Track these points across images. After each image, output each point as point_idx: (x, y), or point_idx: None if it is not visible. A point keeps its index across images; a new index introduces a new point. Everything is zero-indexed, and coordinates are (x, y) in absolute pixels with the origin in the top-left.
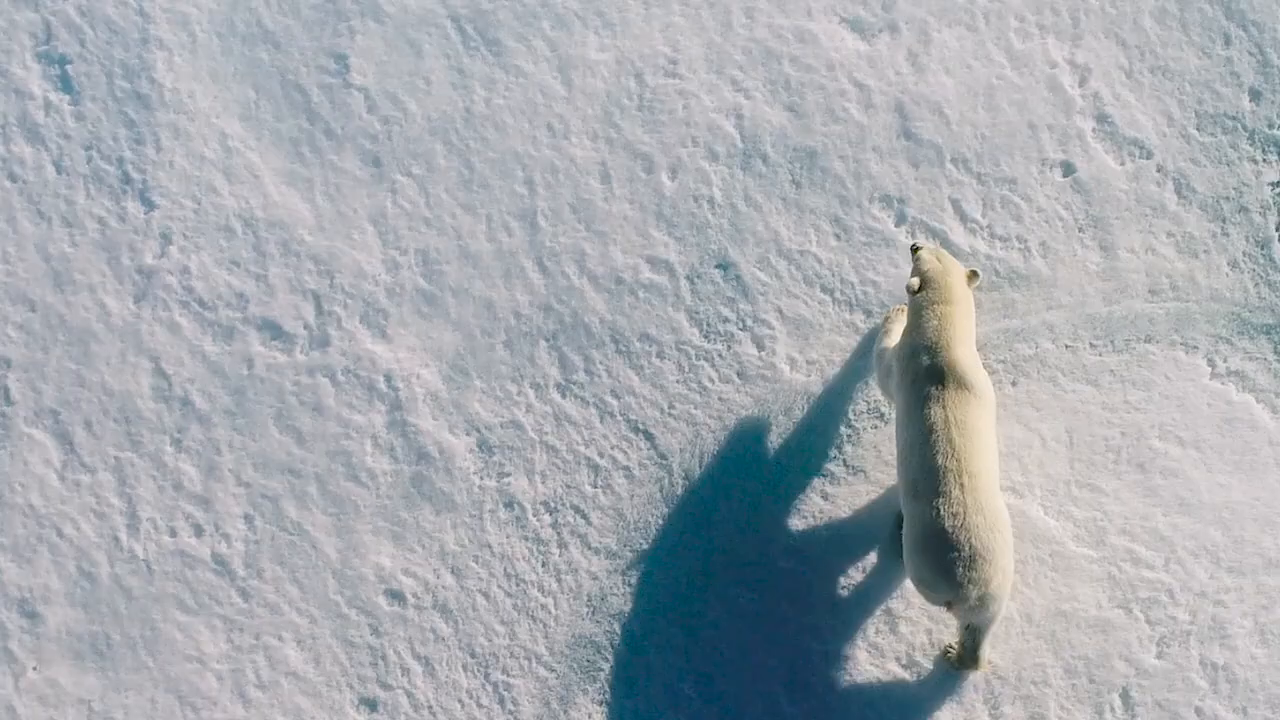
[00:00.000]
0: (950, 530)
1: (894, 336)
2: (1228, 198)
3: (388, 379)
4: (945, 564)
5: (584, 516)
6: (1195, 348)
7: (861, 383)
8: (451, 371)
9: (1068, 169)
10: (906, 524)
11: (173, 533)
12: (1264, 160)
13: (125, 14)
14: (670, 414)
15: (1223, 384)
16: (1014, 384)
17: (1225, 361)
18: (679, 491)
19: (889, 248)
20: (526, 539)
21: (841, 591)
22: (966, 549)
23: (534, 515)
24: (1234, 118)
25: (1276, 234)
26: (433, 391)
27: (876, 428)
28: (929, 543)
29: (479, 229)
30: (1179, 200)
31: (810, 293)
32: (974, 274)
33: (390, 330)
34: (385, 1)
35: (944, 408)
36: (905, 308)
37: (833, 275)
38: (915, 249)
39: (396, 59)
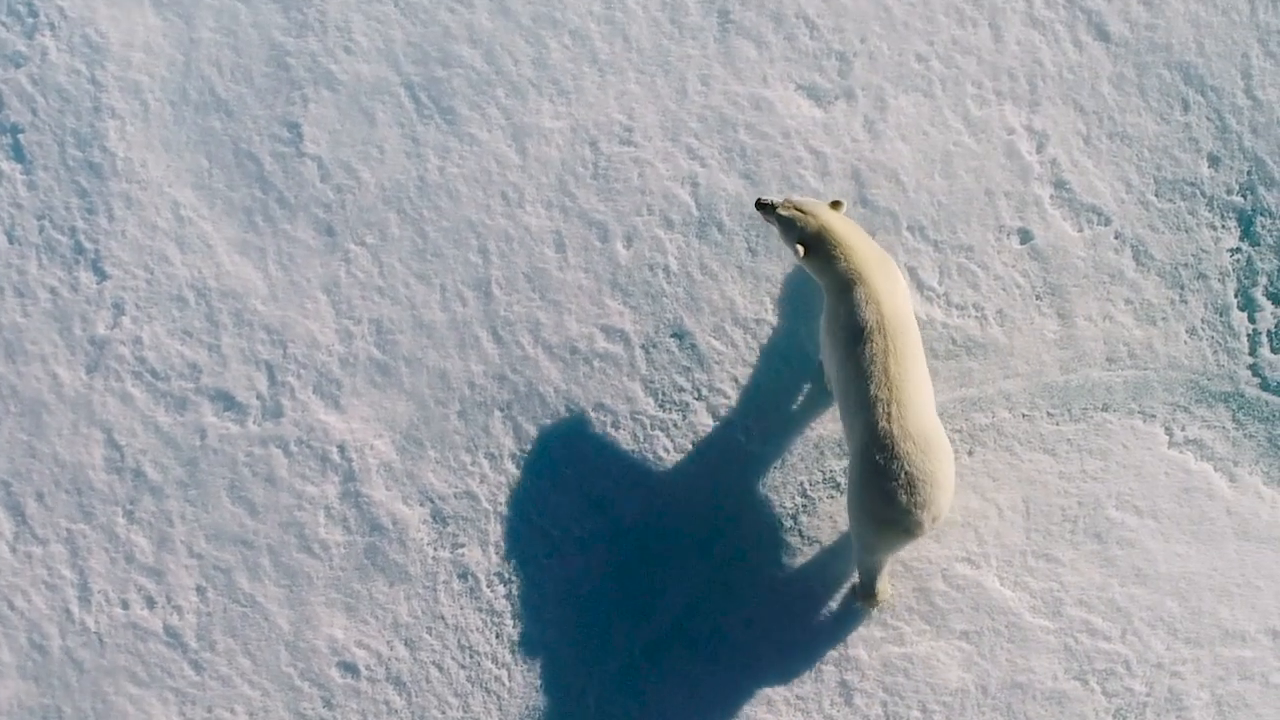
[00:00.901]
0: (884, 462)
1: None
2: (1186, 264)
3: (341, 450)
4: (887, 495)
5: (538, 588)
6: (1153, 416)
7: (817, 453)
8: (405, 442)
9: (1025, 236)
10: (850, 468)
11: (125, 605)
12: (1223, 226)
13: (78, 82)
14: (625, 484)
15: (1180, 453)
16: (970, 453)
17: (1183, 430)
18: (633, 562)
19: None
20: (480, 610)
21: (796, 663)
22: (903, 477)
23: (488, 586)
24: (1193, 184)
25: (1235, 301)
26: (386, 462)
27: (833, 498)
28: (872, 479)
29: (433, 298)
30: (1137, 267)
31: (766, 362)
32: (837, 203)
33: (344, 400)
34: (338, 69)
35: (883, 336)
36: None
37: (789, 344)
38: (765, 206)
39: (350, 127)
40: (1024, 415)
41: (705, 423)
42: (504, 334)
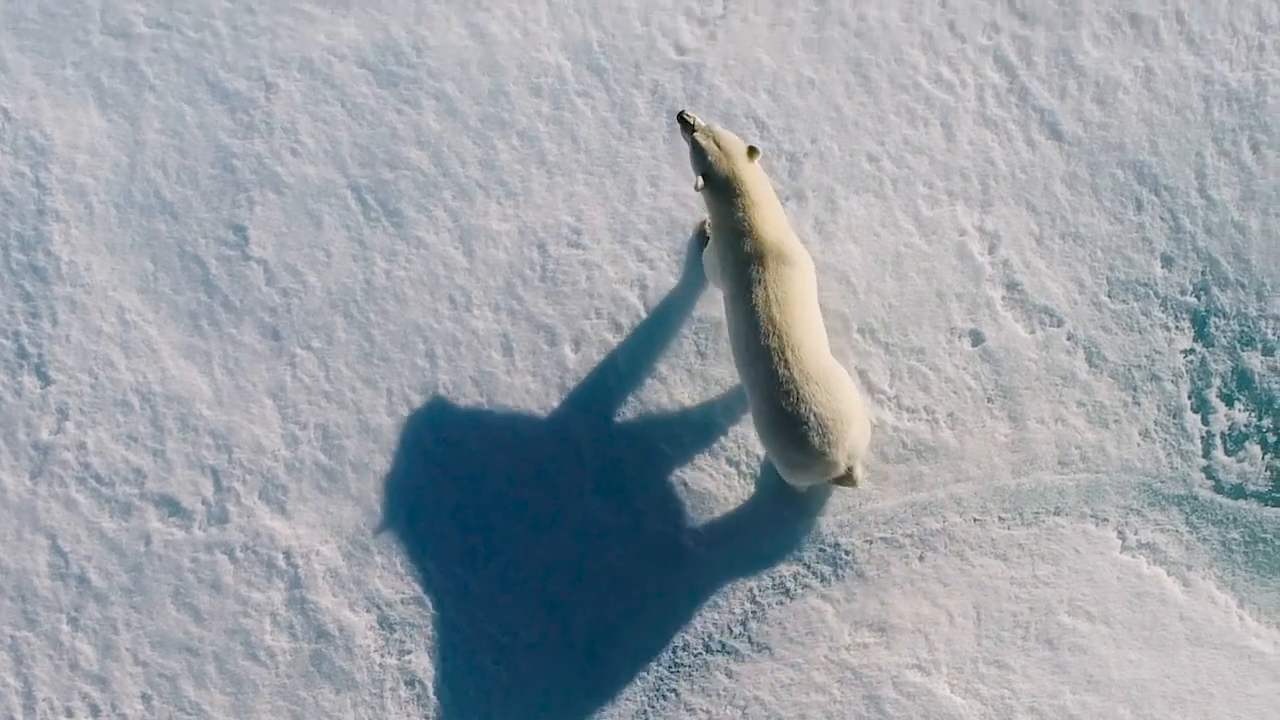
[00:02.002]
0: (790, 407)
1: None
2: (1139, 366)
3: (287, 555)
4: (800, 439)
5: (486, 694)
6: (1105, 520)
7: (765, 559)
8: (351, 547)
9: (976, 338)
10: (755, 418)
11: (69, 713)
12: (1176, 327)
13: (21, 185)
14: (574, 587)
15: (1133, 557)
16: (921, 559)
17: (1136, 534)
18: (584, 669)
19: None
20: (428, 717)
21: None
22: (812, 419)
23: (435, 694)
24: (1146, 284)
25: (1189, 403)
26: (332, 568)
27: (782, 603)
28: (781, 426)
29: (379, 403)
30: (1090, 369)
31: (715, 465)
32: (753, 150)
33: (290, 506)
34: (284, 172)
35: (764, 288)
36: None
37: (738, 447)
38: (685, 123)
39: (296, 230)
40: (975, 519)
41: (655, 527)
42: (451, 437)
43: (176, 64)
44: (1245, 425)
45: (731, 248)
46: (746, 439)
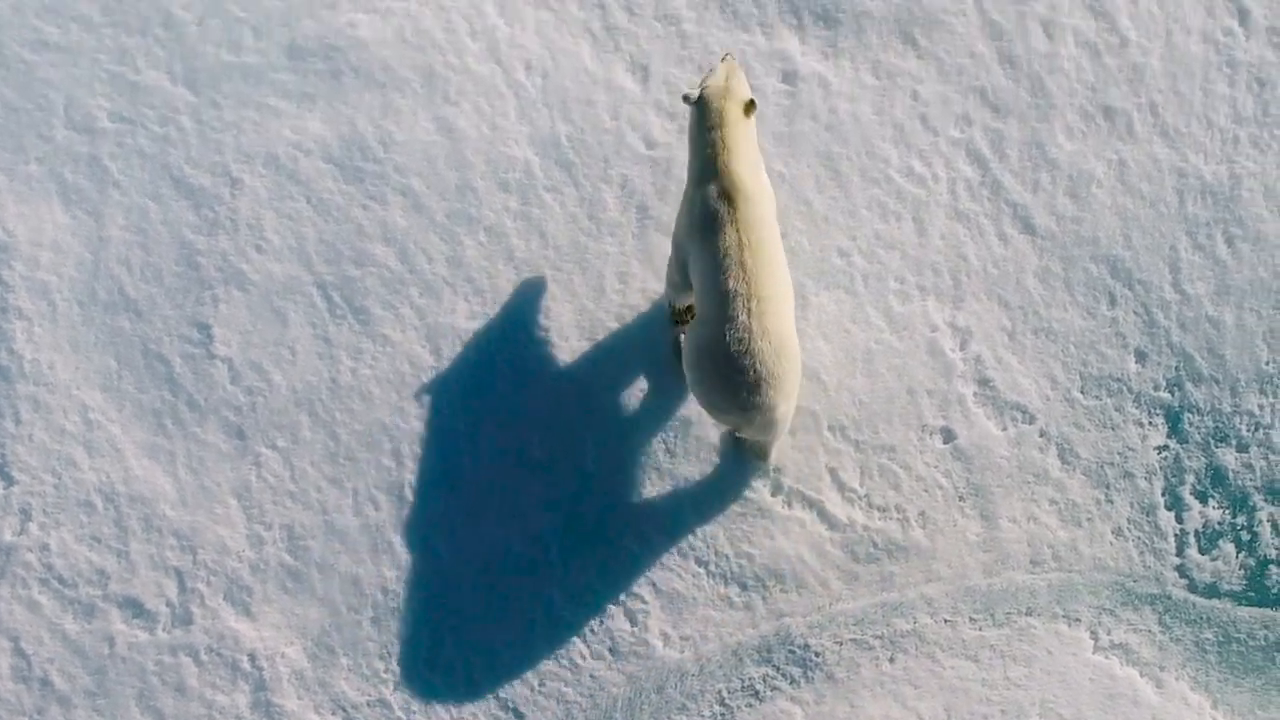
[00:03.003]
0: (736, 355)
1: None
2: (1112, 463)
3: (252, 658)
4: (732, 387)
5: None
6: (1078, 620)
7: (735, 660)
8: (317, 649)
9: (948, 435)
10: (691, 346)
11: None
12: (1150, 424)
13: None
14: (540, 691)
15: (1106, 658)
16: (891, 660)
17: (1109, 634)
18: None
19: (765, 518)
20: None
21: None
22: (751, 373)
23: None
24: (1119, 380)
25: (1162, 500)
26: (298, 670)
27: (751, 706)
28: (716, 367)
29: (345, 503)
30: (1062, 466)
31: (684, 565)
32: (752, 104)
33: (254, 607)
34: (249, 269)
35: (735, 229)
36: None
37: (706, 547)
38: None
39: (261, 328)
40: (946, 620)
41: (622, 628)
42: (418, 539)
43: (141, 159)
44: (1219, 523)
45: (700, 189)
46: (715, 539)
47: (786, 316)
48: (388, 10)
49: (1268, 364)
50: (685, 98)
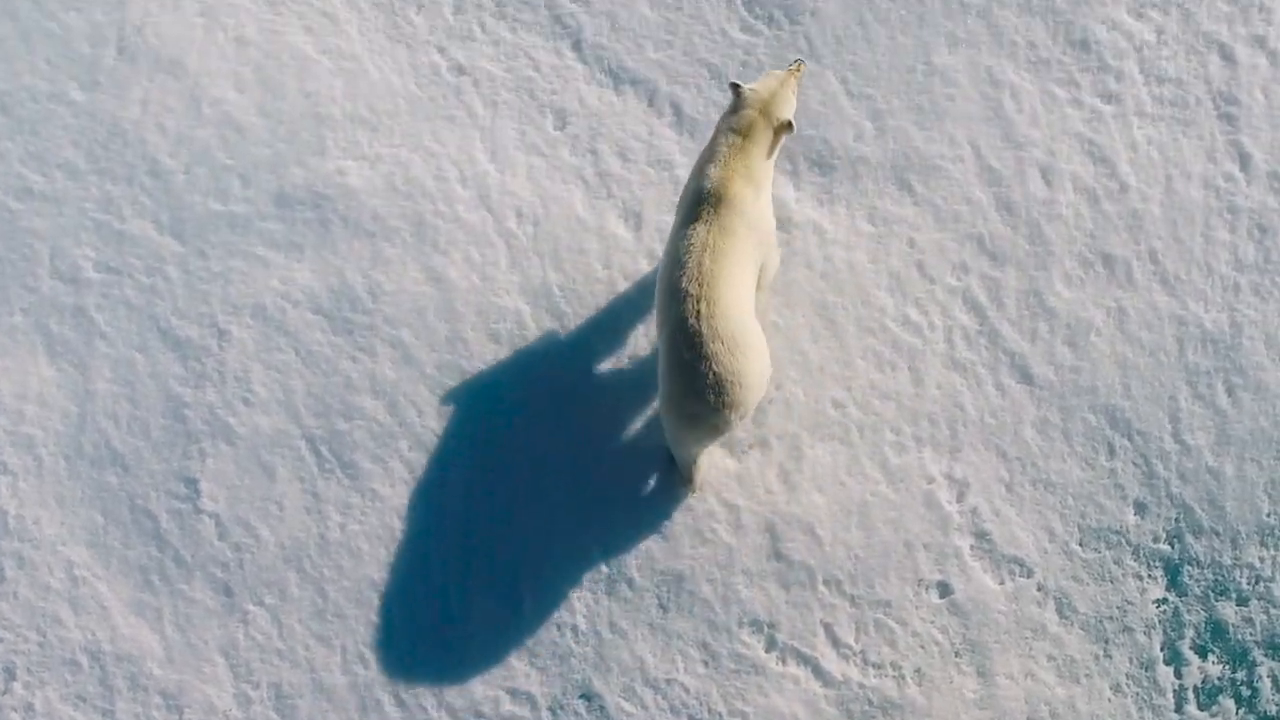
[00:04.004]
0: (690, 361)
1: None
2: (1111, 617)
3: None
4: (693, 392)
5: None
6: None
7: None
8: None
9: (944, 590)
10: (659, 358)
11: None
12: (1149, 576)
13: None
14: None
15: None
16: None
17: None
18: None
19: (758, 675)
20: None
21: None
22: (711, 376)
23: None
24: (1118, 532)
25: (1161, 655)
26: None
27: None
28: (674, 375)
29: (334, 661)
30: (1060, 621)
31: None
32: (790, 125)
33: None
34: (237, 423)
35: (706, 229)
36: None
37: (700, 704)
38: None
39: (249, 483)
40: None
41: None
42: (406, 697)
43: (127, 310)
44: (1219, 678)
45: (696, 177)
46: (709, 696)
47: (741, 313)
48: (377, 157)
49: (1268, 516)
50: (733, 85)
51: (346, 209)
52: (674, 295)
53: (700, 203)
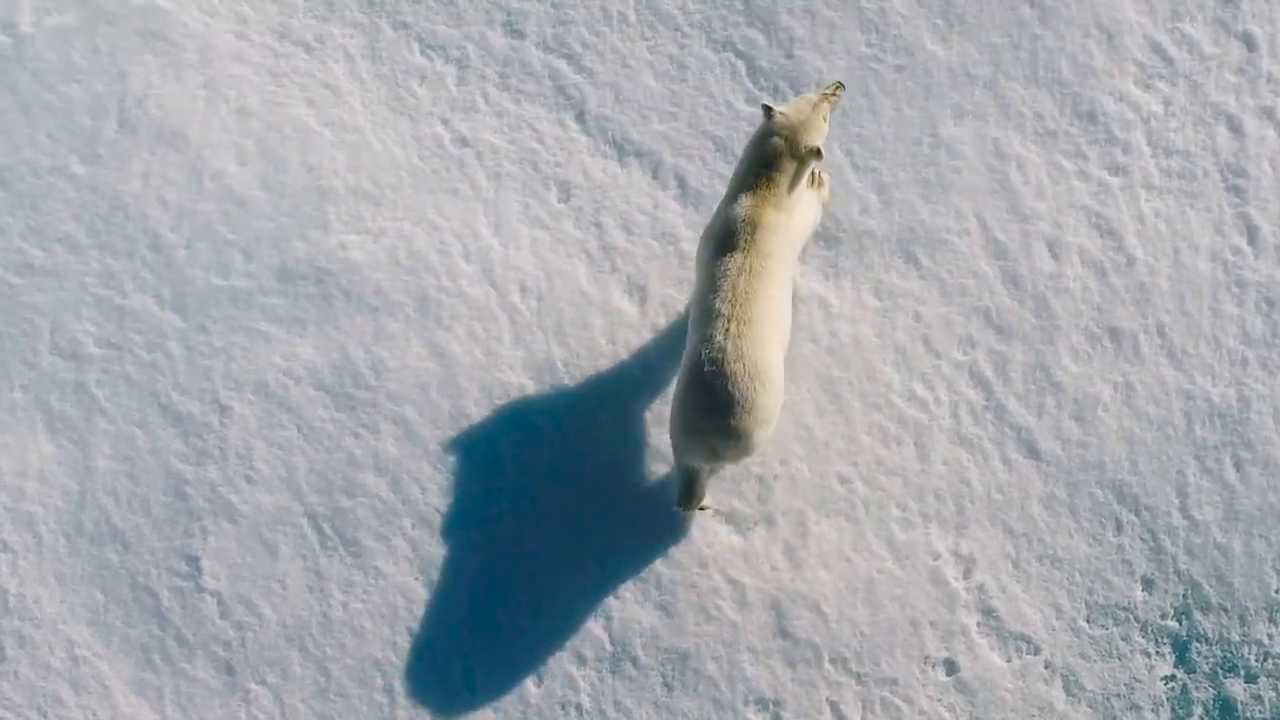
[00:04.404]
0: (709, 375)
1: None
2: (1119, 694)
3: None
4: (703, 407)
5: None
6: None
7: None
8: None
9: (951, 668)
10: (679, 373)
11: None
12: (1157, 653)
13: None
14: None
15: None
16: None
17: None
18: None
19: None
20: None
21: None
22: (724, 395)
23: None
24: (1126, 608)
25: None
26: None
27: None
28: (691, 385)
29: None
30: (1067, 698)
31: None
32: (815, 152)
33: None
34: (239, 500)
35: (744, 255)
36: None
37: None
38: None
39: (251, 560)
40: None
41: None
42: None
43: (128, 386)
44: None
45: (729, 202)
46: None
47: (770, 347)
48: (380, 231)
49: (1277, 592)
50: (764, 107)
51: (349, 283)
52: (707, 314)
53: (734, 231)
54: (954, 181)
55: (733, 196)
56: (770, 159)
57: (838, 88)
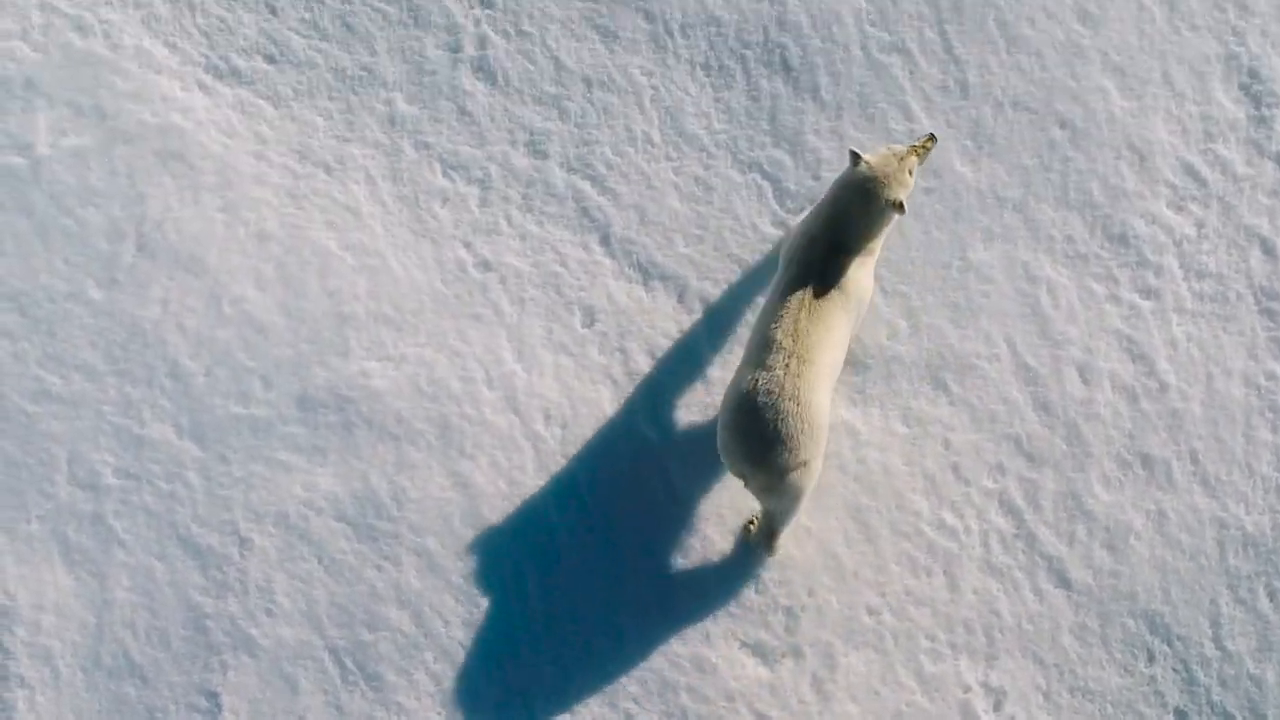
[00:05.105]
0: (761, 405)
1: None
2: None
3: None
4: (746, 436)
5: None
6: None
7: None
8: None
9: None
10: (729, 389)
11: None
12: None
13: None
14: None
15: None
16: None
17: None
18: None
19: None
20: None
21: None
22: (771, 428)
23: None
24: None
25: None
26: None
27: None
28: (739, 411)
29: None
30: None
31: None
32: (898, 205)
33: None
34: (259, 634)
35: (810, 293)
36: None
37: None
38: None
39: (271, 695)
40: None
41: None
42: None
43: (146, 517)
44: None
45: (806, 233)
46: None
47: (821, 389)
48: (401, 358)
49: None
50: (852, 153)
51: (370, 411)
52: (766, 344)
53: (808, 261)
54: (984, 306)
55: (809, 228)
56: (853, 203)
57: (929, 140)
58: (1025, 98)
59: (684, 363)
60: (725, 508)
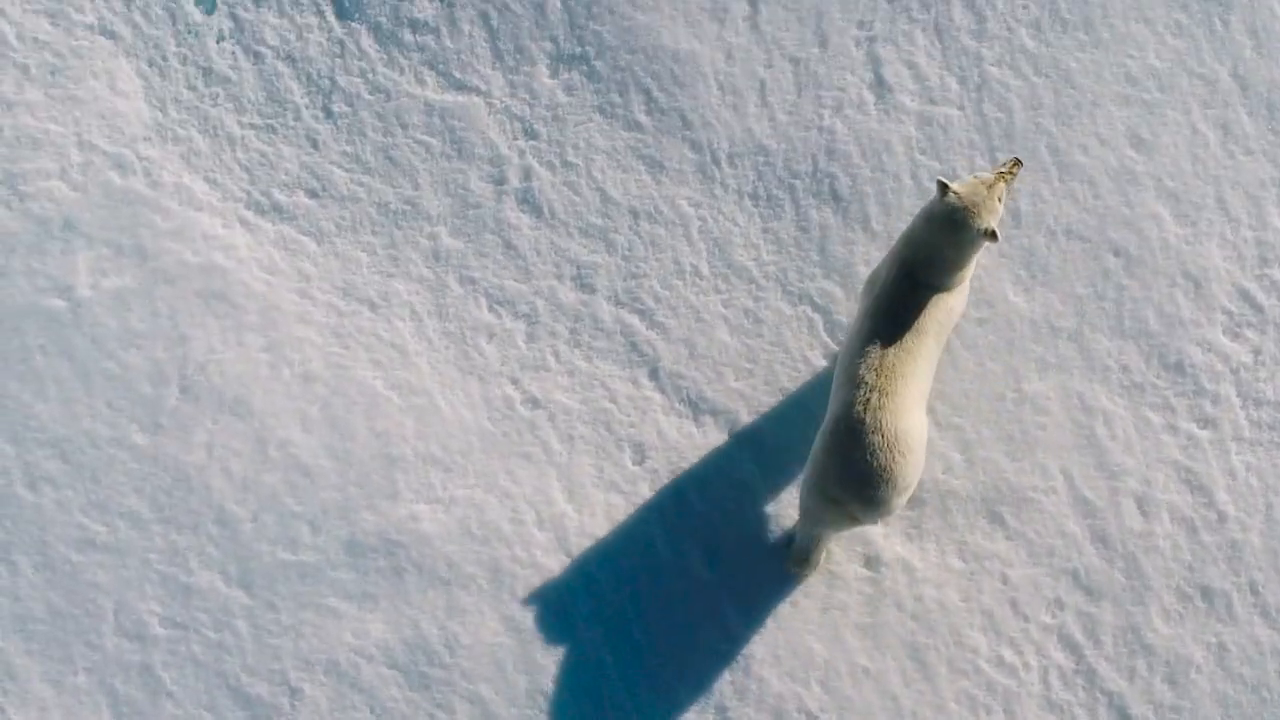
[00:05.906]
0: (849, 446)
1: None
2: None
3: None
4: (842, 477)
5: None
6: None
7: None
8: None
9: None
10: (820, 432)
11: None
12: None
13: None
14: None
15: None
16: None
17: None
18: None
19: None
20: None
21: None
22: (864, 464)
23: None
24: None
25: None
26: None
27: None
28: (831, 457)
29: None
30: None
31: None
32: (989, 233)
33: None
34: None
35: (877, 320)
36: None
37: None
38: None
39: None
40: None
41: None
42: None
43: (195, 667)
44: None
45: (896, 264)
46: None
47: (914, 411)
48: (451, 500)
49: None
50: (940, 183)
51: (420, 556)
52: (849, 380)
53: (899, 297)
54: (1039, 438)
55: (898, 257)
56: (943, 232)
57: (1015, 164)
58: (1078, 225)
59: (735, 500)
60: (781, 648)
